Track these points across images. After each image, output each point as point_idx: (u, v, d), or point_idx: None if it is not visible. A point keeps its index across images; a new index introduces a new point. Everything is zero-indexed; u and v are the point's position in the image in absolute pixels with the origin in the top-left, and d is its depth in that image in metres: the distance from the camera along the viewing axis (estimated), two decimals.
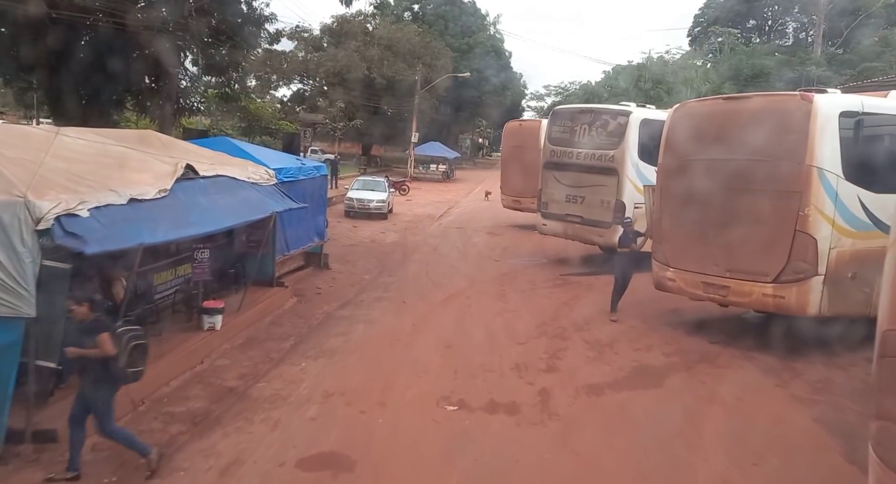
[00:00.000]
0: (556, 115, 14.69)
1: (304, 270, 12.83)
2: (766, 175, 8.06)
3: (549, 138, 14.72)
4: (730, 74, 45.69)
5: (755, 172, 8.14)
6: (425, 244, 17.30)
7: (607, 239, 13.43)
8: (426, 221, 22.36)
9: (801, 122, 7.63)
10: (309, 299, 10.90)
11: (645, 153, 13.14)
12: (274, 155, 12.14)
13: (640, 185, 13.18)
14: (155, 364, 6.81)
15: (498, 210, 23.11)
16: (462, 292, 11.75)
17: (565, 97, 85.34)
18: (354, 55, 41.16)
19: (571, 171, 14.01)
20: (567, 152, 14.07)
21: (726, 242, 8.43)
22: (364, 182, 23.37)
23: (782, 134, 7.88)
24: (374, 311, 10.30)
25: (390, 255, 15.58)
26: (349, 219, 21.54)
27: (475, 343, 8.73)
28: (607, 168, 13.23)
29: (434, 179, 43.36)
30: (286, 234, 11.35)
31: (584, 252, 15.25)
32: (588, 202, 13.70)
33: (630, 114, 13.07)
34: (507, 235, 19.49)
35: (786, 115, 7.89)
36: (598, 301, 11.24)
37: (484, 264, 14.67)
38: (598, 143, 13.46)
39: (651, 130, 13.19)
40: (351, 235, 18.15)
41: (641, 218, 13.31)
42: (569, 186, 14.12)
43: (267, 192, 9.57)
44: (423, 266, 14.20)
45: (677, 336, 9.16)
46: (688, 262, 8.90)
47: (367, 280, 12.67)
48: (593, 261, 14.59)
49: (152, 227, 6.13)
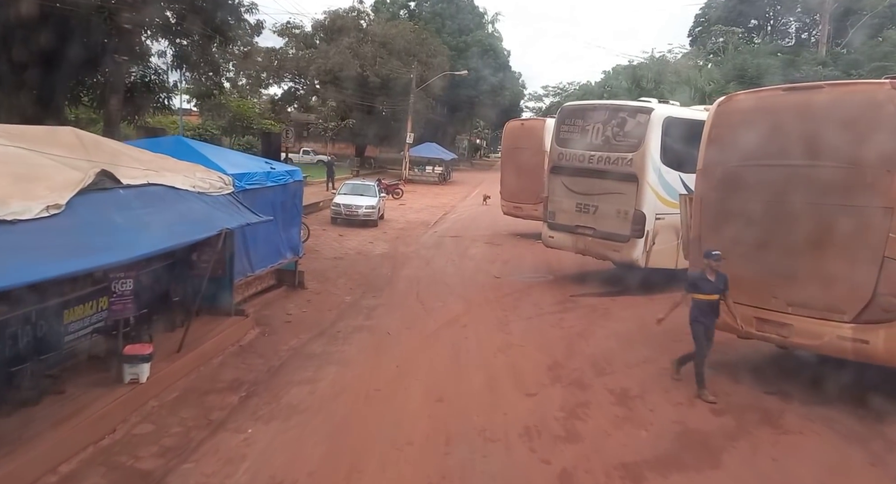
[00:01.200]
0: (565, 112, 12.95)
1: (276, 291, 11.07)
2: (843, 185, 6.34)
3: (556, 139, 12.99)
4: (734, 74, 44.22)
5: (829, 182, 6.43)
6: (417, 257, 15.55)
7: (624, 255, 11.73)
8: (419, 229, 20.60)
9: (894, 118, 5.92)
10: (275, 330, 9.13)
11: (669, 156, 11.44)
12: (237, 158, 10.39)
13: (663, 192, 11.50)
14: (43, 438, 5.09)
15: (497, 216, 21.41)
16: (457, 319, 10.00)
17: (564, 98, 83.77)
18: (347, 52, 39.43)
19: (583, 176, 12.28)
20: (578, 155, 12.34)
21: (789, 269, 6.71)
22: (353, 186, 21.60)
23: (867, 133, 6.16)
24: (351, 346, 8.54)
25: (377, 270, 13.82)
26: (336, 226, 19.78)
27: (473, 393, 6.98)
28: (625, 173, 11.52)
29: (430, 182, 41.61)
30: (249, 251, 9.61)
31: (595, 267, 13.53)
32: (602, 212, 11.98)
33: (652, 111, 11.35)
34: (508, 246, 17.75)
35: (872, 108, 6.17)
36: (617, 332, 9.51)
37: (482, 282, 12.92)
38: (615, 144, 11.73)
39: (677, 130, 11.52)
40: (335, 246, 16.39)
41: (664, 230, 11.66)
42: (580, 194, 12.39)
43: (219, 203, 7.82)
44: (414, 284, 12.45)
45: (722, 382, 7.41)
46: (736, 291, 7.17)
47: (347, 303, 10.91)
48: (607, 278, 12.87)
49: (20, 261, 4.39)
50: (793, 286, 6.68)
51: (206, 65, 16.69)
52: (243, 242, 9.37)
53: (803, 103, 6.80)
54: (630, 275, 12.07)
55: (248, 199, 9.23)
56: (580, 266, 13.83)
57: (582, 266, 13.78)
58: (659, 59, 60.78)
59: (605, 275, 13.09)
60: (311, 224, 20.33)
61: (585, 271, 13.68)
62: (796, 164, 6.66)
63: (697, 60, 56.91)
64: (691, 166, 11.84)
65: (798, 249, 6.64)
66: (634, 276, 11.92)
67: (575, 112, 12.75)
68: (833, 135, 6.31)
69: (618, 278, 12.48)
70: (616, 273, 12.90)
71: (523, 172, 18.51)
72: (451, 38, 56.36)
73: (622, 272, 12.46)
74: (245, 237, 9.38)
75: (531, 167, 18.12)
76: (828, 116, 6.46)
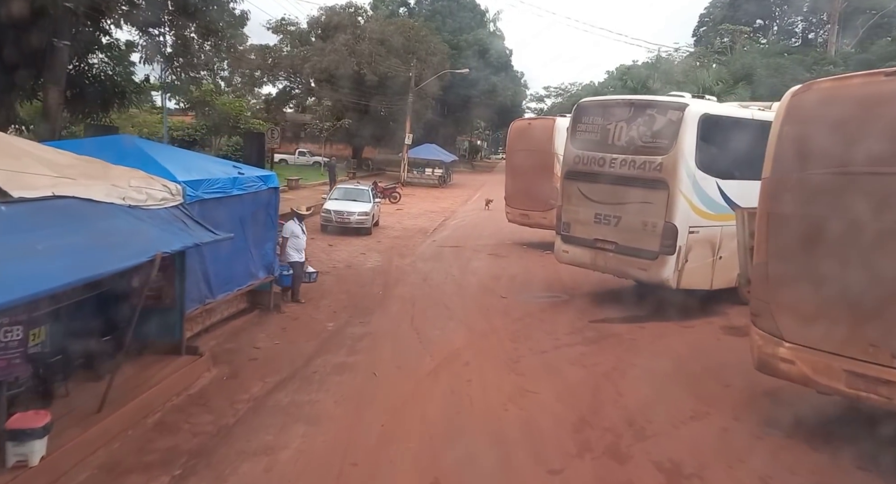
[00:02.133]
0: (583, 109, 11.32)
1: (246, 317, 9.47)
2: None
3: (571, 140, 11.38)
4: (743, 73, 42.82)
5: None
6: (414, 271, 13.92)
7: (652, 274, 10.11)
8: (417, 238, 18.97)
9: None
10: (237, 370, 7.52)
11: (706, 160, 9.84)
12: (197, 162, 8.77)
13: (698, 202, 9.90)
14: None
15: (500, 222, 19.80)
16: (458, 354, 8.37)
17: (567, 99, 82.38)
18: (343, 49, 37.80)
19: (603, 182, 10.66)
20: (597, 158, 10.73)
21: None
22: (345, 191, 19.96)
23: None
24: (327, 394, 6.92)
25: (368, 287, 12.20)
26: (326, 235, 18.16)
27: (479, 470, 5.36)
28: (653, 180, 9.91)
29: (429, 184, 39.98)
30: (209, 274, 8.01)
31: (615, 285, 11.94)
32: (625, 224, 10.37)
33: (686, 107, 9.73)
34: (514, 258, 16.12)
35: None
36: (651, 372, 7.89)
37: (487, 303, 11.29)
38: (641, 146, 10.12)
39: (715, 130, 9.94)
40: (323, 259, 14.75)
41: (698, 246, 10.06)
42: (599, 203, 10.78)
43: (158, 219, 6.21)
44: (408, 306, 10.82)
45: (799, 451, 5.79)
46: (819, 335, 5.56)
47: (329, 331, 9.29)
48: (629, 299, 11.25)
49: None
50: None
51: (183, 57, 15.09)
52: (201, 264, 7.78)
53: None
54: (657, 296, 10.48)
55: (208, 212, 7.66)
56: (597, 283, 12.24)
57: (600, 284, 12.19)
58: (667, 57, 59.48)
59: (628, 294, 11.50)
60: None
61: (604, 289, 12.07)
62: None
63: (704, 59, 55.63)
64: (732, 172, 10.34)
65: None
66: (662, 297, 10.32)
67: (594, 109, 11.13)
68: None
69: (642, 299, 10.87)
70: (640, 292, 11.29)
71: (530, 176, 16.91)
72: (450, 37, 54.77)
73: (647, 292, 10.84)
74: (203, 257, 7.78)
75: (539, 171, 16.53)
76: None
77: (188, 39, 14.88)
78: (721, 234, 10.29)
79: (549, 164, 16.31)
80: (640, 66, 67.28)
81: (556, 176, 16.42)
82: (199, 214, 7.27)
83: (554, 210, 16.61)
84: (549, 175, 16.32)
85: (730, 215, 10.32)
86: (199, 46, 16.21)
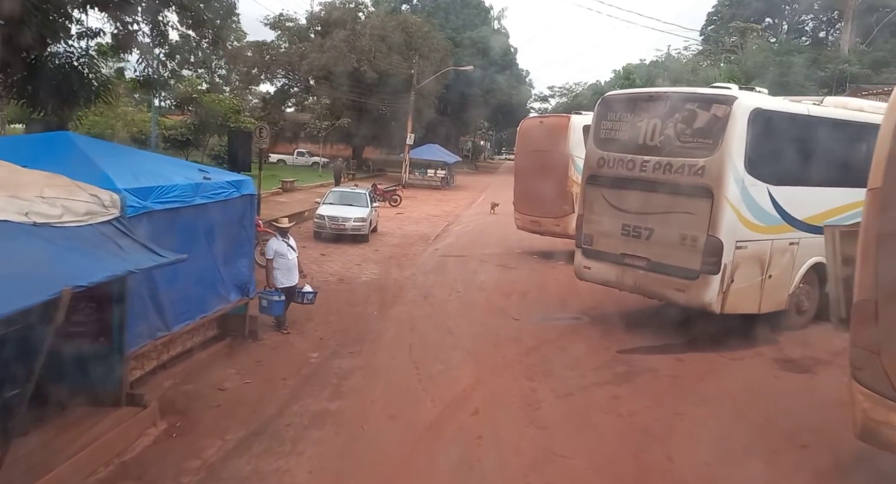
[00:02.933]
0: (608, 103, 9.85)
1: (215, 347, 8.02)
2: None
3: (595, 139, 9.93)
4: (755, 72, 41.40)
5: None
6: (413, 286, 12.46)
7: (692, 297, 8.65)
8: (418, 245, 17.52)
9: None
10: (194, 422, 6.07)
11: (757, 163, 8.40)
12: (153, 165, 7.29)
13: (747, 212, 8.46)
14: None
15: (507, 228, 18.39)
16: (465, 398, 6.91)
17: (572, 98, 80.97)
18: (342, 46, 36.37)
19: (632, 189, 9.24)
20: (626, 161, 9.27)
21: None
22: (341, 195, 18.48)
23: None
24: (300, 459, 5.46)
25: (362, 306, 10.76)
26: (320, 243, 16.74)
27: None
28: (694, 185, 8.46)
29: (432, 186, 38.54)
30: (162, 301, 6.56)
31: (641, 303, 10.47)
32: (659, 238, 8.92)
33: (734, 101, 8.26)
34: (525, 270, 14.66)
35: None
36: (706, 425, 6.42)
37: (497, 327, 9.83)
38: (680, 146, 8.67)
39: (769, 127, 8.49)
40: (314, 271, 13.29)
41: (746, 264, 8.60)
42: (628, 213, 9.33)
43: (78, 240, 4.77)
44: (407, 331, 9.38)
45: None
46: None
47: (312, 364, 7.84)
48: (661, 321, 9.78)
49: None
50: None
51: (161, 49, 13.66)
52: (151, 290, 6.34)
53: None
54: (692, 318, 9.02)
55: (160, 226, 6.25)
56: (620, 301, 10.77)
57: (622, 301, 10.72)
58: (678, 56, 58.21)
59: (657, 316, 10.03)
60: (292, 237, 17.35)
61: (629, 309, 10.62)
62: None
63: (714, 57, 54.39)
64: (786, 177, 8.87)
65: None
66: (701, 321, 8.87)
67: (622, 103, 9.66)
68: None
69: (675, 322, 9.39)
70: (671, 313, 9.80)
71: (542, 180, 15.44)
72: (453, 34, 53.35)
73: (680, 313, 9.38)
74: (155, 282, 6.35)
75: (552, 173, 15.09)
76: None
77: (166, 28, 13.42)
78: (771, 249, 8.88)
79: (563, 167, 14.88)
80: (648, 64, 65.98)
81: (571, 180, 15.01)
82: (147, 230, 5.86)
83: (568, 217, 15.28)
84: (564, 178, 14.91)
85: (782, 227, 8.92)
86: (189, 40, 14.78)
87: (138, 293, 6.08)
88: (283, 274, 9.03)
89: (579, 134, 14.86)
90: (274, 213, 19.65)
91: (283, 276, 9.04)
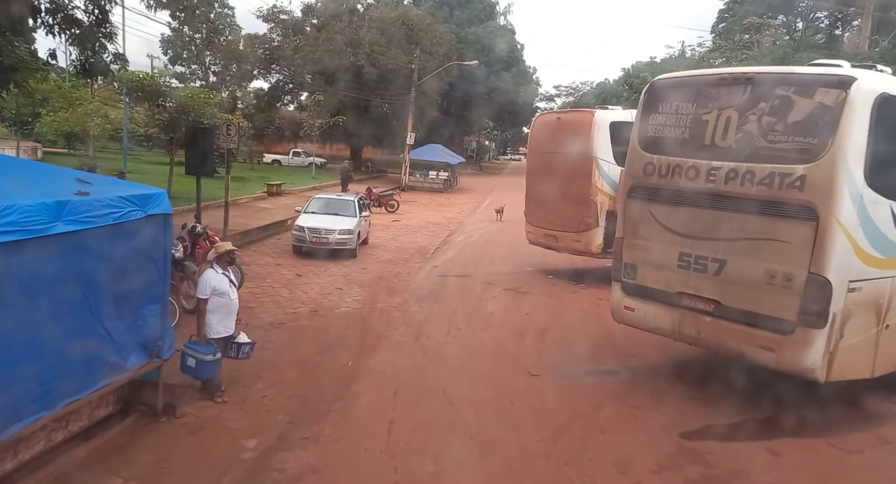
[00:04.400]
0: (660, 91, 7.35)
1: (109, 433, 5.61)
2: None
3: (640, 139, 7.47)
4: None
5: None
6: (404, 320, 10.02)
7: (785, 358, 6.19)
8: (414, 261, 15.09)
9: None
10: None
11: (885, 173, 5.92)
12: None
13: (865, 241, 6.01)
14: None
15: (516, 238, 16.08)
16: None
17: (578, 97, 78.47)
18: (338, 38, 33.96)
19: (695, 205, 6.79)
20: (685, 168, 6.83)
21: None
22: (326, 202, 16.00)
23: None
24: None
25: (334, 353, 8.32)
26: (298, 259, 14.34)
27: None
28: (789, 203, 6.02)
29: (433, 189, 36.11)
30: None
31: (697, 352, 7.97)
32: (735, 273, 6.47)
33: (852, 83, 5.77)
34: (539, 295, 12.20)
35: None
36: None
37: (510, 387, 7.38)
38: (767, 147, 6.22)
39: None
40: (284, 297, 10.92)
41: (860, 312, 6.13)
42: (688, 238, 6.88)
43: None
44: (388, 397, 6.93)
45: None
46: None
47: (244, 463, 5.40)
48: (730, 380, 7.27)
49: None
50: None
51: (100, 29, 11.32)
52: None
53: None
54: (776, 380, 6.58)
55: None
56: (668, 345, 8.24)
57: (672, 345, 8.18)
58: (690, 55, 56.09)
59: (724, 368, 7.50)
60: (266, 253, 14.98)
61: (683, 357, 8.14)
62: None
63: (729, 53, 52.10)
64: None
65: None
66: (789, 383, 6.43)
67: (680, 89, 7.15)
68: None
69: (751, 381, 6.93)
70: (742, 366, 7.28)
71: (560, 187, 13.02)
72: (459, 30, 50.92)
73: (758, 368, 6.88)
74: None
75: (572, 180, 12.68)
76: None
77: (103, 7, 11.07)
78: (891, 288, 6.40)
79: (585, 172, 12.45)
80: (660, 61, 63.62)
81: (595, 187, 12.55)
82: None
83: (591, 231, 12.83)
84: (586, 186, 12.49)
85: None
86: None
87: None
88: (220, 319, 6.61)
89: (605, 132, 12.45)
90: (249, 223, 17.29)
91: (221, 322, 6.62)
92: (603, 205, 12.43)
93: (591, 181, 12.43)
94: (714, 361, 7.68)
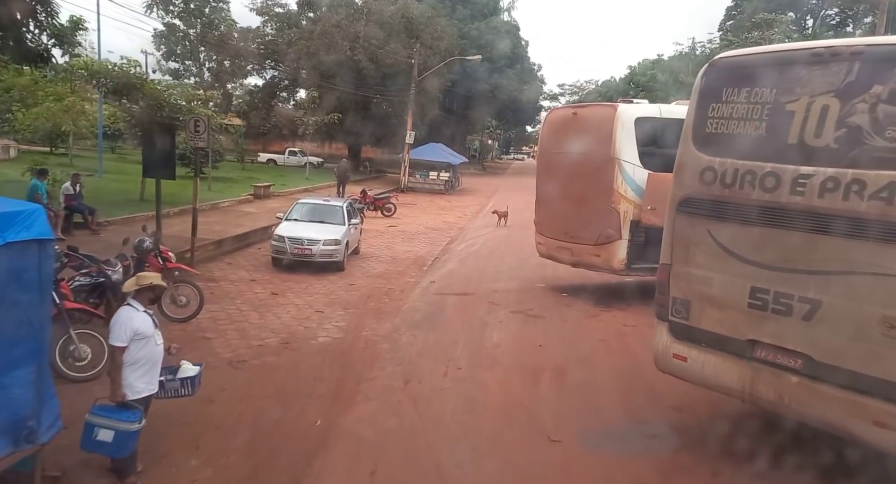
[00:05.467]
0: (724, 72, 5.58)
1: None
2: None
3: (695, 137, 5.70)
4: None
5: None
6: (392, 355, 8.29)
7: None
8: (409, 276, 13.36)
9: None
10: None
11: None
12: None
13: None
14: None
15: (524, 248, 14.47)
16: None
17: (583, 97, 76.60)
18: (334, 31, 32.23)
19: (775, 225, 5.05)
20: (760, 175, 5.10)
21: None
22: (310, 208, 14.25)
23: None
24: None
25: (300, 406, 6.59)
26: (277, 273, 12.61)
27: None
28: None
29: (434, 190, 34.40)
30: None
31: (757, 412, 6.19)
32: (835, 318, 4.72)
33: None
34: (553, 319, 10.45)
35: None
36: None
37: (525, 465, 5.64)
38: (883, 149, 4.47)
39: None
40: (252, 324, 9.19)
41: None
42: (764, 268, 5.14)
43: None
44: (363, 477, 5.21)
45: None
46: None
47: None
48: (806, 438, 5.51)
49: None
50: None
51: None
52: None
53: None
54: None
55: None
56: (718, 397, 6.46)
57: (721, 396, 6.39)
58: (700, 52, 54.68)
59: (805, 434, 5.73)
60: (241, 266, 13.25)
61: (742, 413, 6.38)
62: None
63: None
64: None
65: None
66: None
67: (754, 70, 5.37)
68: None
69: (835, 445, 5.17)
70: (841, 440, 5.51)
71: (576, 193, 11.31)
72: (462, 25, 49.21)
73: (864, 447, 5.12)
74: None
75: (590, 185, 10.97)
76: None
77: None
78: None
79: (606, 175, 10.73)
80: (668, 59, 61.99)
81: (618, 193, 10.78)
82: None
83: (612, 245, 11.08)
84: (607, 192, 10.77)
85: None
86: None
87: None
88: (141, 375, 4.90)
89: (630, 130, 10.73)
90: (227, 230, 15.56)
91: (142, 378, 4.91)
92: (626, 214, 10.71)
93: (612, 186, 10.70)
94: (792, 424, 5.92)
